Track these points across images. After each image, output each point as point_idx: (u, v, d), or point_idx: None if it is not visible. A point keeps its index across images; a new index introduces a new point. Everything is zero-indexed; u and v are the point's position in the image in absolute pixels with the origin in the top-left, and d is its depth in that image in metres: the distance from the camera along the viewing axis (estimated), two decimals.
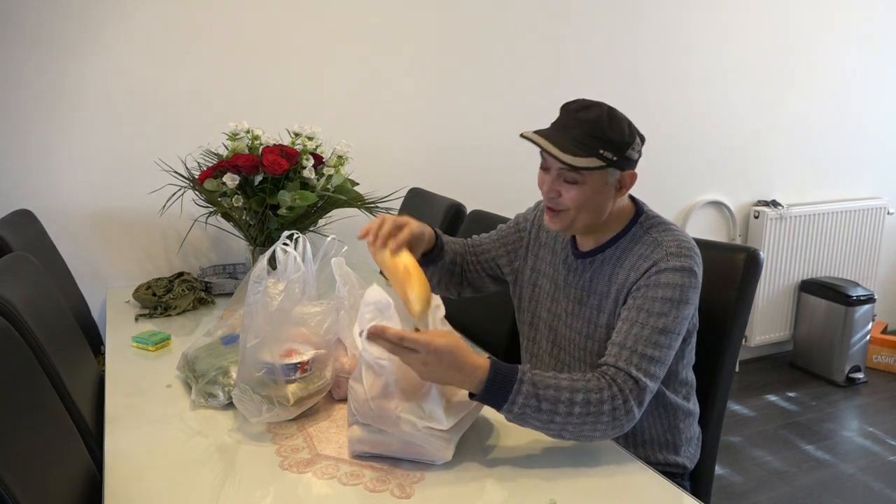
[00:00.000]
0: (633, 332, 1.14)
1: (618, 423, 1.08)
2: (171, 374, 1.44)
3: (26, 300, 1.23)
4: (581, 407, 1.06)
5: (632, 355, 1.12)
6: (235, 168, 1.79)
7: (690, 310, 1.18)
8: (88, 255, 2.16)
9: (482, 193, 2.58)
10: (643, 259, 1.19)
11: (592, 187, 1.18)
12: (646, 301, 1.15)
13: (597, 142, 1.15)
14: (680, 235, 1.21)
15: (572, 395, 1.06)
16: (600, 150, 1.14)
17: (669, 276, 1.15)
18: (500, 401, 1.06)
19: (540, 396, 1.05)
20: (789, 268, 3.42)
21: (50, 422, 1.05)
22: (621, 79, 2.90)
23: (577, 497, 1.01)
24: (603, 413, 1.07)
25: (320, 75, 2.36)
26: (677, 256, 1.16)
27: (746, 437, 2.76)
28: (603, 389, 1.08)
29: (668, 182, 3.12)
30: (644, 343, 1.13)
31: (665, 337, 1.14)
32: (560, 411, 1.06)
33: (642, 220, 1.26)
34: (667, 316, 1.14)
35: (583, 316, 1.29)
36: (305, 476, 1.06)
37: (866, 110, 3.53)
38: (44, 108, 2.05)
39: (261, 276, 1.21)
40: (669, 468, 1.30)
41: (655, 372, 1.13)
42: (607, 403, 1.07)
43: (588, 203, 1.19)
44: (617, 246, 1.25)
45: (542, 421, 1.07)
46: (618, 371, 1.11)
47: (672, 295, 1.14)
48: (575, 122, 1.17)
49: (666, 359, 1.15)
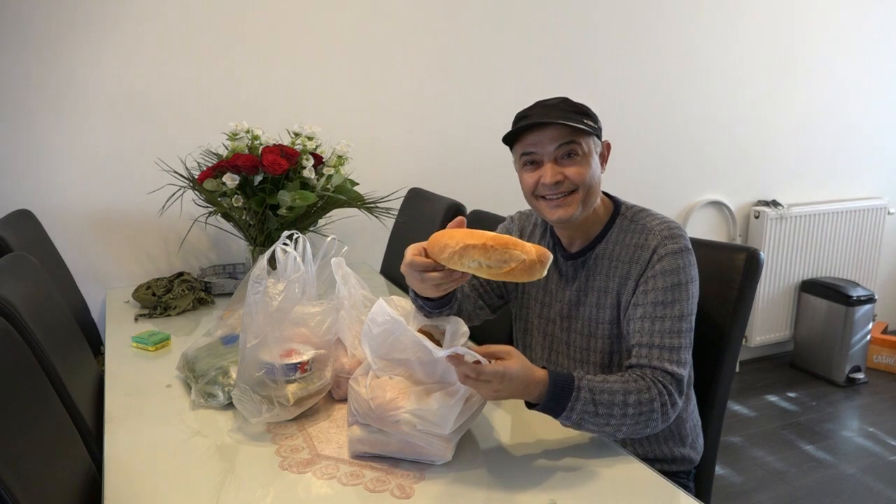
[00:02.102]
0: (656, 327, 1.18)
1: (666, 416, 1.14)
2: (170, 374, 1.44)
3: (26, 300, 1.23)
4: (634, 408, 1.11)
5: (661, 352, 1.17)
6: (235, 168, 1.79)
7: (696, 284, 1.22)
8: (88, 255, 2.16)
9: (482, 193, 2.57)
10: (640, 249, 1.23)
11: (588, 158, 1.22)
12: (657, 294, 1.19)
13: (577, 114, 1.21)
14: (664, 218, 1.27)
15: (626, 397, 1.11)
16: (584, 119, 1.21)
17: (670, 261, 1.19)
18: (559, 409, 1.09)
19: (596, 402, 1.09)
20: (789, 268, 3.42)
21: (50, 422, 1.05)
22: (622, 79, 2.90)
23: (577, 497, 1.01)
24: (654, 411, 1.12)
25: (320, 75, 2.36)
26: (671, 239, 1.21)
27: (747, 437, 2.76)
28: (651, 388, 1.13)
29: (669, 182, 3.12)
30: (668, 335, 1.17)
31: (685, 322, 1.19)
32: (615, 413, 1.10)
33: (623, 210, 1.30)
34: (680, 301, 1.18)
35: (582, 316, 1.29)
36: (305, 476, 1.05)
37: (866, 110, 3.53)
38: (44, 108, 2.05)
39: (261, 276, 1.21)
40: (676, 464, 1.31)
41: (686, 358, 1.18)
42: (656, 401, 1.12)
43: (590, 176, 1.22)
44: (606, 240, 1.28)
45: (598, 424, 1.11)
46: (654, 370, 1.16)
47: (678, 279, 1.19)
48: (549, 107, 1.22)
49: (690, 342, 1.20)
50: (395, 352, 1.09)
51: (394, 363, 1.10)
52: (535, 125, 1.19)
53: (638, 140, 2.99)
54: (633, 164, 2.99)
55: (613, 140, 1.39)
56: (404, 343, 1.08)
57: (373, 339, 1.10)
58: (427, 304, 1.22)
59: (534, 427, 1.22)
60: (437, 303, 1.23)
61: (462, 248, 1.00)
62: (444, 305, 1.24)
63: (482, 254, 1.00)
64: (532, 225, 1.41)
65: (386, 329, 1.07)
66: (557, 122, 1.18)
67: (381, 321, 1.08)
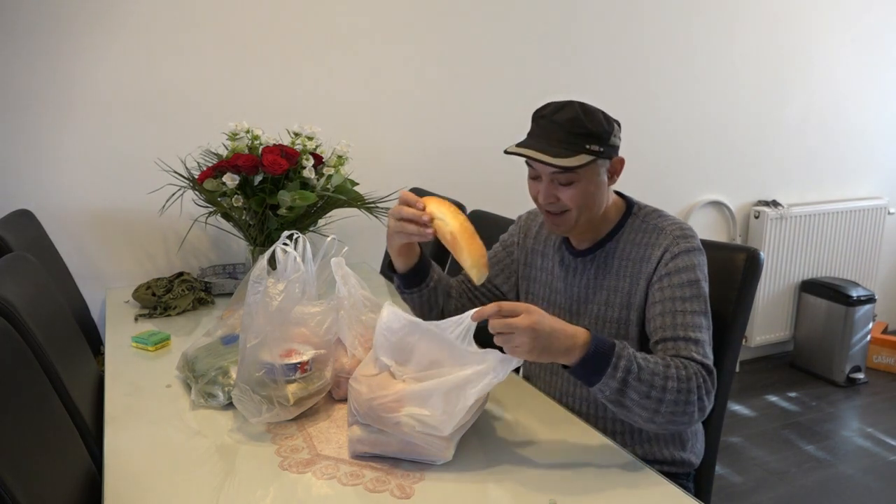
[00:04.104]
0: (678, 321, 1.17)
1: (702, 405, 1.09)
2: (170, 374, 1.44)
3: (26, 300, 1.23)
4: (674, 382, 1.06)
5: (688, 343, 1.15)
6: (235, 168, 1.79)
7: (707, 283, 1.23)
8: (88, 255, 2.16)
9: (482, 193, 2.57)
10: (652, 248, 1.23)
11: (587, 182, 1.21)
12: (673, 290, 1.19)
13: (581, 138, 1.17)
14: (675, 219, 1.28)
15: (666, 370, 1.07)
16: (586, 145, 1.18)
17: (684, 259, 1.20)
18: (602, 367, 1.03)
19: (640, 367, 1.04)
20: (790, 268, 3.42)
21: (50, 422, 1.05)
22: (622, 80, 2.90)
23: (577, 497, 1.01)
24: (692, 392, 1.07)
25: (320, 75, 2.36)
26: (684, 238, 1.22)
27: (747, 437, 2.76)
28: (688, 368, 1.09)
29: (669, 182, 3.12)
30: (692, 329, 1.16)
31: (704, 318, 1.19)
32: (657, 385, 1.05)
33: (636, 210, 1.31)
34: (697, 297, 1.18)
35: (589, 314, 1.30)
36: (305, 476, 1.05)
37: (866, 110, 3.53)
38: (44, 108, 2.04)
39: (261, 276, 1.21)
40: (676, 467, 1.31)
41: (709, 353, 1.16)
42: (693, 381, 1.08)
43: (587, 199, 1.22)
44: (616, 239, 1.29)
45: (640, 394, 1.04)
46: (685, 360, 1.12)
47: (693, 276, 1.19)
48: (554, 126, 1.19)
49: (710, 338, 1.19)
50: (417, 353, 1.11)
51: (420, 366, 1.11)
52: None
53: (638, 140, 2.99)
54: (633, 165, 2.95)
55: None
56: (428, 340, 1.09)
57: (392, 347, 1.10)
58: (399, 281, 1.38)
59: (534, 427, 1.22)
60: (406, 280, 1.37)
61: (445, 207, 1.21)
62: (414, 285, 1.37)
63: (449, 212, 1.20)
64: (538, 224, 1.45)
65: (407, 332, 1.09)
66: (547, 163, 1.16)
67: (397, 327, 1.09)
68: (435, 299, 1.41)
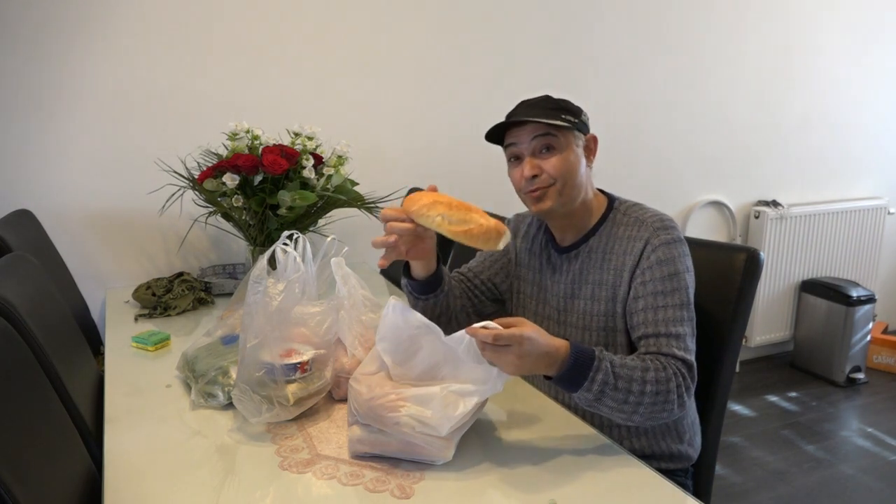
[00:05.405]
0: (659, 317, 1.19)
1: (682, 401, 1.14)
2: (170, 374, 1.44)
3: (26, 300, 1.23)
4: (652, 385, 1.10)
5: (668, 339, 1.18)
6: (235, 168, 1.79)
7: (692, 275, 1.25)
8: (88, 256, 2.16)
9: (482, 193, 2.57)
10: (633, 240, 1.26)
11: (568, 152, 1.26)
12: (655, 284, 1.21)
13: (556, 110, 1.27)
14: (655, 211, 1.30)
15: (644, 374, 1.10)
16: (562, 115, 1.26)
17: (664, 251, 1.23)
18: (580, 379, 1.07)
19: (617, 374, 1.09)
20: (789, 268, 3.42)
21: (50, 422, 1.05)
22: (621, 79, 2.90)
23: (577, 497, 1.01)
24: (671, 391, 1.12)
25: (320, 75, 2.36)
26: (664, 230, 1.25)
27: (746, 437, 2.76)
28: (667, 369, 1.13)
29: (669, 182, 3.12)
30: (672, 323, 1.19)
31: (686, 311, 1.21)
32: (634, 390, 1.09)
33: (617, 205, 1.34)
34: (678, 290, 1.21)
35: (576, 310, 1.32)
36: (305, 476, 1.05)
37: (866, 110, 3.53)
38: (44, 108, 2.05)
39: (261, 276, 1.21)
40: (674, 461, 1.31)
41: (691, 346, 1.19)
42: (672, 381, 1.12)
43: (569, 167, 1.26)
44: (600, 234, 1.31)
45: (616, 400, 1.09)
46: (665, 356, 1.16)
47: (674, 269, 1.22)
48: (530, 105, 1.29)
49: (693, 330, 1.22)
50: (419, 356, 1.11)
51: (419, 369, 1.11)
52: (513, 123, 1.27)
53: (638, 140, 2.99)
54: (633, 164, 2.99)
55: (613, 140, 1.40)
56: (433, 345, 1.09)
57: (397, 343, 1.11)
58: (413, 286, 1.33)
59: (534, 427, 1.22)
60: (423, 286, 1.33)
61: (432, 202, 1.17)
62: (429, 291, 1.33)
63: (447, 209, 1.15)
64: (527, 225, 1.48)
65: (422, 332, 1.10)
66: (531, 120, 1.23)
67: (414, 324, 1.10)
68: (447, 304, 1.39)
